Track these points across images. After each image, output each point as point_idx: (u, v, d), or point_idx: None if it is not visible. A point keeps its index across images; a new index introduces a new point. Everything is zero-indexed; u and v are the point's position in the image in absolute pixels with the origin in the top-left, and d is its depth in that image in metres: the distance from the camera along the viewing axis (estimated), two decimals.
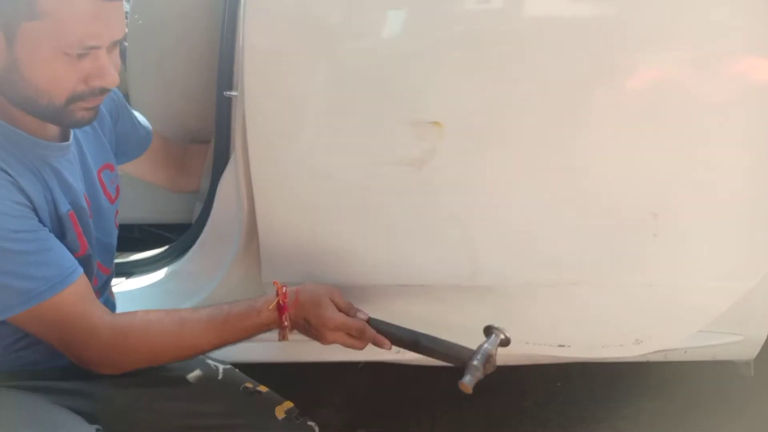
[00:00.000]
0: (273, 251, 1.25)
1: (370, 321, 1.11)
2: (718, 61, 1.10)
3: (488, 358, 1.03)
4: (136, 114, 1.29)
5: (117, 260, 1.53)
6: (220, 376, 1.16)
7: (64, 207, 0.99)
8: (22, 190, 0.91)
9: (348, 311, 1.09)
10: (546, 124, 1.12)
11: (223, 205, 1.31)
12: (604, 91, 1.12)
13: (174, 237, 1.49)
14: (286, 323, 1.06)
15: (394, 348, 1.36)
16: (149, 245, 1.54)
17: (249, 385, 1.16)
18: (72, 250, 0.99)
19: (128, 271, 1.46)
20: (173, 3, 1.50)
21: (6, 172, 0.90)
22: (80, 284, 0.96)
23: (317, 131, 1.19)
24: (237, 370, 1.20)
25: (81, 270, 0.97)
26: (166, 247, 1.45)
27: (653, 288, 1.20)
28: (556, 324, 1.28)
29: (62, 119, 0.94)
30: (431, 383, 1.73)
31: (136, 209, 1.66)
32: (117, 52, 0.93)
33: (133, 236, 1.81)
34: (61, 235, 0.98)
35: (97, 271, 1.10)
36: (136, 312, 1.03)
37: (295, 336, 1.36)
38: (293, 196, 1.23)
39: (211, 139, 1.41)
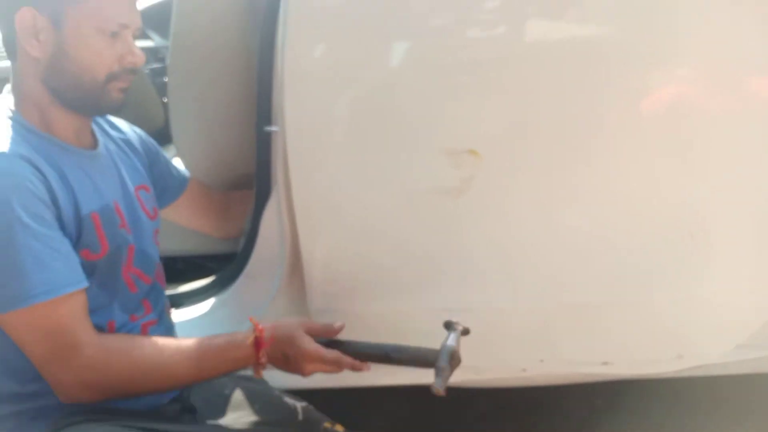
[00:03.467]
0: (318, 280, 1.29)
1: (344, 345, 1.10)
2: (746, 80, 1.12)
3: (452, 354, 1.03)
4: (171, 161, 1.37)
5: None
6: (300, 416, 1.19)
7: (87, 209, 1.03)
8: (50, 189, 0.98)
9: (326, 332, 1.09)
10: (581, 150, 1.15)
11: (266, 236, 1.36)
12: (641, 117, 1.14)
13: (215, 267, 1.53)
14: (262, 359, 1.05)
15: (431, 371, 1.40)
16: (193, 276, 1.59)
17: (328, 424, 1.18)
18: (92, 250, 1.04)
19: (176, 302, 1.51)
20: (211, 39, 1.55)
21: (38, 169, 0.97)
22: (79, 298, 0.99)
23: (358, 162, 1.23)
24: (312, 407, 1.22)
25: (84, 285, 1.00)
26: (212, 278, 1.50)
27: (694, 303, 1.22)
28: (599, 343, 1.29)
29: (100, 99, 1.05)
30: (470, 404, 1.75)
31: (179, 241, 1.72)
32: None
33: (177, 267, 1.86)
34: (78, 235, 1.02)
35: (136, 279, 1.14)
36: (121, 335, 1.06)
37: None
38: (336, 225, 1.27)
39: (251, 173, 1.46)
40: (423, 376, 1.40)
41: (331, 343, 1.08)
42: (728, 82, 1.12)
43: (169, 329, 1.23)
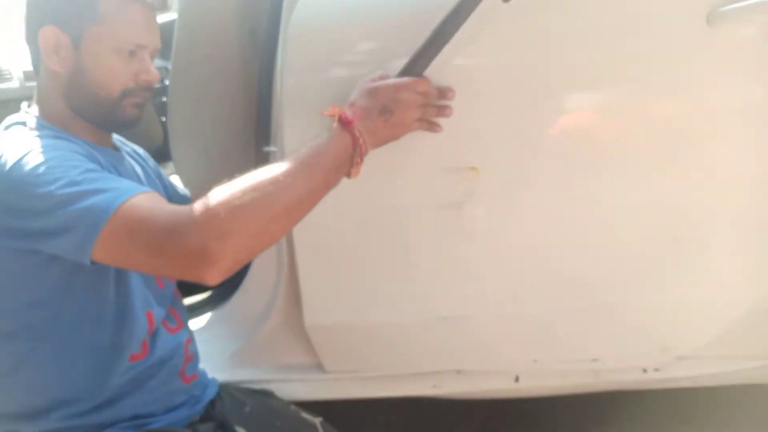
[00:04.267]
0: (314, 294, 1.32)
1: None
2: (725, 94, 1.17)
3: None
4: (176, 185, 1.40)
5: None
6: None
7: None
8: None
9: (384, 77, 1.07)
10: (572, 165, 1.20)
11: (264, 254, 1.38)
12: (629, 135, 1.20)
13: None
14: (360, 140, 1.00)
15: (429, 383, 1.43)
16: (189, 291, 1.61)
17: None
18: None
19: None
20: (212, 64, 1.59)
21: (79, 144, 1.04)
22: (153, 194, 0.95)
23: (359, 181, 1.26)
24: (327, 423, 1.24)
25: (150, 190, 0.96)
26: (209, 293, 1.53)
27: (676, 302, 1.28)
28: (589, 341, 1.36)
29: (115, 113, 1.10)
30: (466, 416, 1.77)
31: None
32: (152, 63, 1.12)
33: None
34: None
35: (162, 278, 1.18)
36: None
37: (326, 375, 1.42)
38: (333, 240, 1.30)
39: None
40: (418, 389, 1.44)
41: None
42: (699, 98, 1.17)
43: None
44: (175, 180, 1.92)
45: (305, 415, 1.24)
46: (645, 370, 1.39)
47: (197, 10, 1.58)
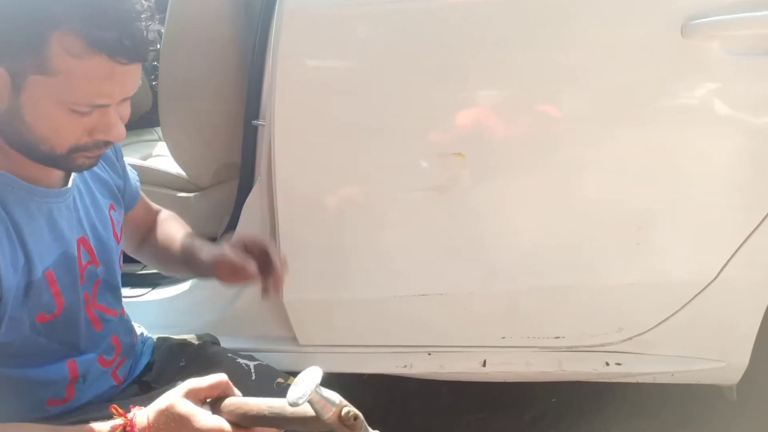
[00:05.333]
0: (294, 270, 1.35)
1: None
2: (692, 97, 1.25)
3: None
4: (130, 172, 1.20)
5: (144, 271, 1.64)
6: (253, 376, 1.16)
7: (41, 268, 0.93)
8: None
9: (213, 389, 0.85)
10: (545, 156, 1.28)
11: (247, 224, 1.41)
12: (598, 130, 1.27)
13: None
14: None
15: (401, 362, 1.48)
16: None
17: (281, 380, 1.16)
18: (47, 311, 0.94)
19: (155, 282, 1.56)
20: (206, 32, 1.59)
21: None
22: None
23: (345, 160, 1.31)
24: (268, 365, 1.20)
25: None
26: None
27: (634, 286, 1.36)
28: (553, 320, 1.42)
29: (62, 165, 0.92)
30: (433, 396, 1.83)
31: None
32: (127, 104, 0.90)
33: None
34: (25, 297, 0.91)
35: (101, 315, 1.06)
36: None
37: (300, 348, 1.46)
38: (315, 217, 1.34)
39: (234, 163, 1.50)
40: (390, 368, 1.49)
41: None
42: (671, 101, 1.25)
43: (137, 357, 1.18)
44: (162, 147, 1.94)
45: (241, 360, 1.20)
46: (607, 363, 1.44)
47: None
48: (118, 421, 0.83)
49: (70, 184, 0.99)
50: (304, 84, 1.27)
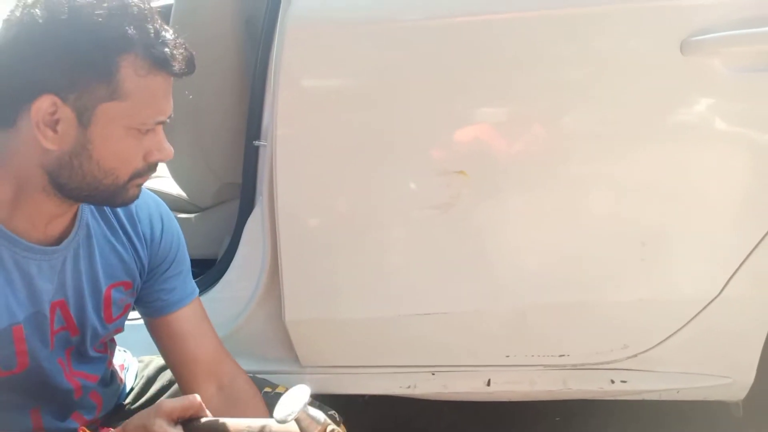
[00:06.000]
0: (295, 290, 1.35)
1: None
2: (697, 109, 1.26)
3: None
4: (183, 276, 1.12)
5: None
6: None
7: (8, 320, 0.90)
8: None
9: (186, 409, 0.85)
10: (552, 174, 1.28)
11: (248, 244, 1.41)
12: (601, 147, 1.27)
13: (195, 271, 1.57)
14: None
15: (404, 383, 1.46)
16: None
17: (269, 389, 1.15)
18: (3, 366, 0.91)
19: None
20: (206, 52, 1.59)
21: None
22: None
23: (348, 180, 1.31)
24: (257, 375, 1.17)
25: None
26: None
27: (639, 302, 1.35)
28: (558, 338, 1.41)
29: (116, 198, 0.91)
30: (436, 416, 1.81)
31: None
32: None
33: None
34: None
35: (83, 382, 1.02)
36: None
37: (302, 369, 1.44)
38: (319, 237, 1.34)
39: (235, 183, 1.50)
40: (393, 388, 1.47)
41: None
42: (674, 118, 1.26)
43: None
44: (163, 168, 1.93)
45: None
46: (612, 381, 1.43)
47: None
48: None
49: (63, 245, 0.95)
50: (306, 104, 1.27)
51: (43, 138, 0.83)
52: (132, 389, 1.18)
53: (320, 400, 1.50)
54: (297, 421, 0.75)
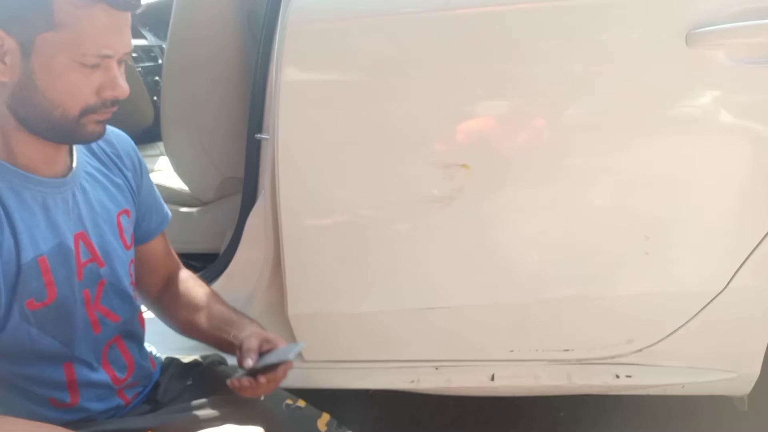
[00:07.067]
0: (298, 284, 1.34)
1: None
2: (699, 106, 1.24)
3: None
4: (159, 198, 1.22)
5: None
6: (261, 397, 1.13)
7: (30, 254, 0.94)
8: None
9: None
10: (555, 167, 1.27)
11: (250, 239, 1.41)
12: (606, 140, 1.26)
13: (197, 266, 1.57)
14: None
15: (408, 377, 1.46)
16: None
17: (290, 401, 1.16)
18: (36, 299, 0.95)
19: None
20: (208, 46, 1.59)
21: None
22: None
23: (350, 173, 1.30)
24: (279, 388, 1.16)
25: None
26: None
27: (643, 296, 1.35)
28: (562, 332, 1.41)
29: (74, 133, 0.94)
30: (440, 410, 1.81)
31: None
32: (123, 67, 0.94)
33: None
34: (13, 284, 0.93)
35: (102, 318, 1.05)
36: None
37: (306, 364, 1.44)
38: (322, 231, 1.33)
39: (236, 177, 1.50)
40: (397, 383, 1.47)
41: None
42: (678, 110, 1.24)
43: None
44: (165, 162, 1.93)
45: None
46: (617, 376, 1.42)
47: None
48: None
49: (69, 177, 1.00)
50: (308, 97, 1.26)
51: None
52: (159, 383, 1.19)
53: (324, 394, 1.51)
54: None
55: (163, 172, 1.96)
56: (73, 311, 1.00)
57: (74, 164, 1.02)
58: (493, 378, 1.43)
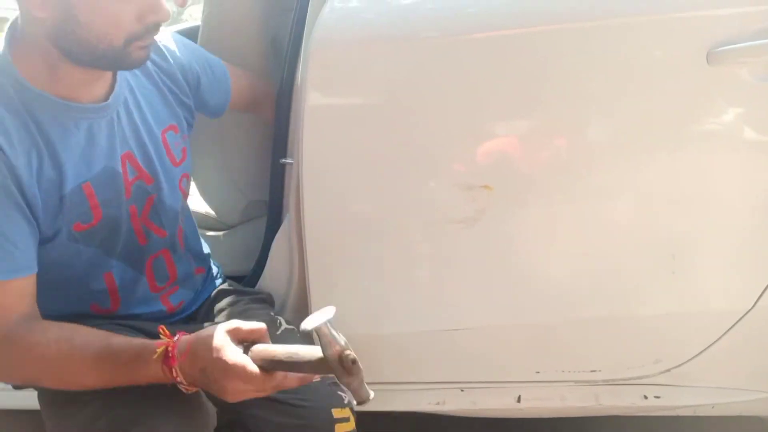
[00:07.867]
0: (323, 304, 1.34)
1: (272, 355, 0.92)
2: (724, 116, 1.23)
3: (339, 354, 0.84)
4: (214, 66, 1.30)
5: None
6: (279, 331, 1.19)
7: (75, 181, 0.97)
8: (11, 168, 0.90)
9: (253, 334, 0.92)
10: (580, 186, 1.27)
11: (275, 262, 1.41)
12: (630, 158, 1.25)
13: None
14: (178, 378, 0.89)
15: (433, 399, 1.45)
16: None
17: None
18: (83, 221, 0.99)
19: None
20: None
21: (2, 149, 0.89)
22: (24, 283, 0.93)
23: (374, 196, 1.31)
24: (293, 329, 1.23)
25: (33, 271, 0.94)
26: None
27: (670, 315, 1.33)
28: (589, 353, 1.40)
29: (121, 62, 0.95)
30: (466, 428, 1.78)
31: None
32: None
33: None
34: (58, 212, 0.96)
35: (147, 231, 1.09)
36: (41, 325, 0.94)
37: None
38: (346, 254, 1.34)
39: (262, 200, 1.51)
40: (422, 405, 1.46)
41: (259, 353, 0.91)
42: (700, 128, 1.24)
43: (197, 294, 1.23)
44: (191, 187, 1.96)
45: (272, 313, 1.27)
46: (645, 397, 1.41)
47: (221, 18, 1.62)
48: (162, 340, 0.90)
49: (110, 100, 1.02)
50: (332, 121, 1.28)
51: (32, 7, 0.88)
52: (206, 301, 1.25)
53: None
54: (319, 334, 0.83)
55: (189, 197, 1.98)
56: (119, 225, 1.06)
57: (117, 86, 1.04)
58: (519, 399, 1.42)
